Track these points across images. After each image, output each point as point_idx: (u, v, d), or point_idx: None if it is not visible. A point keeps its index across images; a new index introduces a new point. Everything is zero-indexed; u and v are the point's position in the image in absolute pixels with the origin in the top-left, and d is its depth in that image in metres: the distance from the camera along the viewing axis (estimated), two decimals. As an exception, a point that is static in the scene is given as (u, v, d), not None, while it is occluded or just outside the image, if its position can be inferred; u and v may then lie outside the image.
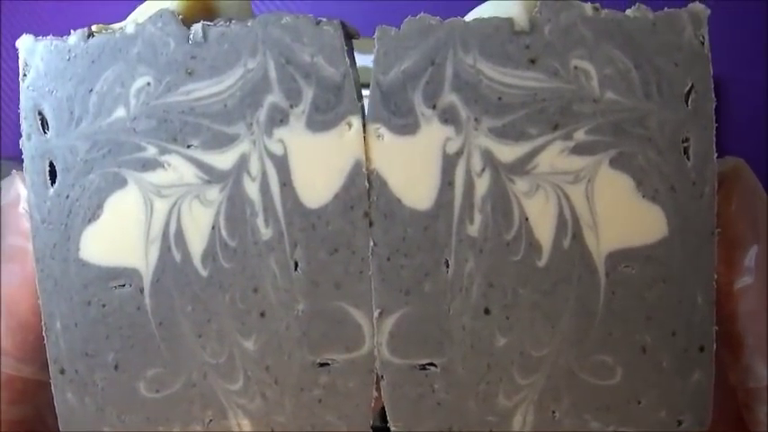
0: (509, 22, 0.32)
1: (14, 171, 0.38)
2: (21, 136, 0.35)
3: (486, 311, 0.33)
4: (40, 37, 0.35)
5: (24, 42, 0.35)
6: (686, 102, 0.32)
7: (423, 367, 0.34)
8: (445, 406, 0.34)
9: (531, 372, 0.33)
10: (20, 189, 0.37)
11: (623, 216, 0.32)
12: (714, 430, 0.34)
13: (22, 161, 0.35)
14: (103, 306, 0.35)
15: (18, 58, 0.35)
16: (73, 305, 0.35)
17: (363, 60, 0.34)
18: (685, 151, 0.32)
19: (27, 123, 0.35)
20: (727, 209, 0.35)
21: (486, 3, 0.36)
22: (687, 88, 0.32)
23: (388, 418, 0.35)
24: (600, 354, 0.33)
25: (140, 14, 0.35)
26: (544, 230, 0.33)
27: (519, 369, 0.33)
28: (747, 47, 0.71)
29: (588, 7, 0.32)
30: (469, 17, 0.34)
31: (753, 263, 0.35)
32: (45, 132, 0.34)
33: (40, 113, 0.34)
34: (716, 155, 0.32)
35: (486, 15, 0.33)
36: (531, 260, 0.33)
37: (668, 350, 0.33)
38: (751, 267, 0.35)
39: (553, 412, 0.34)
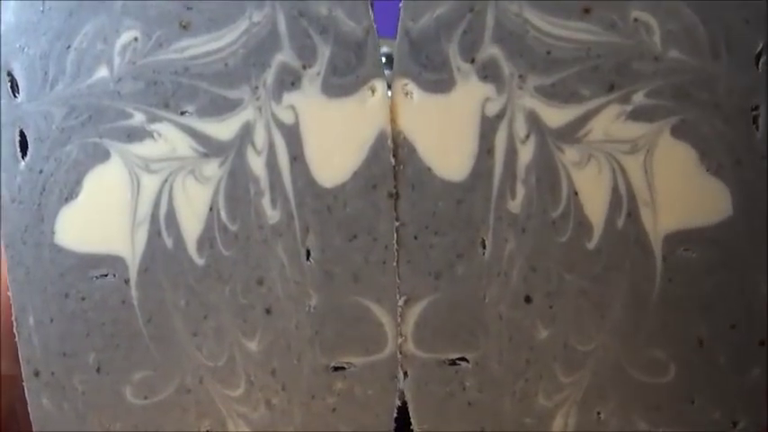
0: (560, -35, 0.26)
1: None
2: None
3: (528, 299, 0.28)
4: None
5: (-12, -9, 0.28)
6: (757, 64, 0.27)
7: (453, 362, 0.28)
8: (477, 406, 0.28)
9: (576, 368, 0.28)
10: None
11: (684, 193, 0.27)
12: None
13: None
14: (83, 299, 0.28)
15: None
16: (48, 297, 0.28)
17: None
18: (754, 121, 0.27)
19: (-7, 86, 0.28)
20: None
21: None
22: (758, 49, 0.27)
23: (411, 419, 0.29)
24: (652, 348, 0.28)
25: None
26: (595, 207, 0.27)
27: (562, 365, 0.28)
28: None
29: None
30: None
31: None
32: (15, 96, 0.28)
33: (9, 74, 0.28)
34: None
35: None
36: (579, 241, 0.27)
37: (726, 344, 0.28)
38: None
39: (598, 413, 0.29)
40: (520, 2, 0.26)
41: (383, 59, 0.27)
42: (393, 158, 0.27)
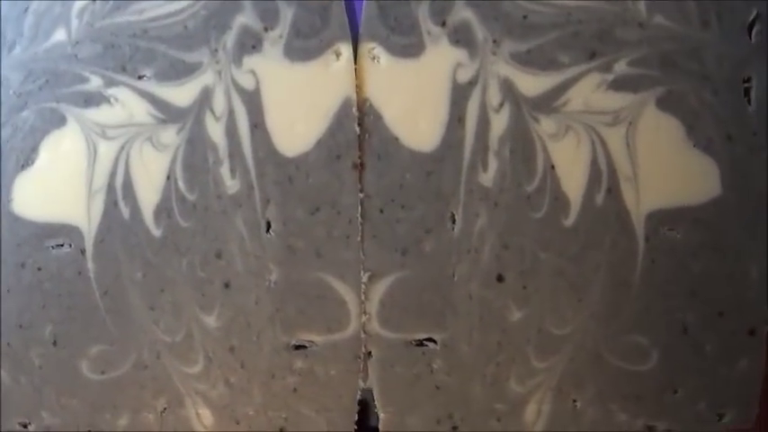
0: None
1: None
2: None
3: (500, 278, 0.26)
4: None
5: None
6: (749, 34, 0.25)
7: (420, 343, 0.27)
8: (445, 390, 0.27)
9: (551, 353, 0.26)
10: None
11: (669, 168, 0.25)
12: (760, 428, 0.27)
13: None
14: (39, 269, 0.27)
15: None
16: (7, 268, 0.27)
17: None
18: (746, 93, 0.25)
19: (-53, 49, 0.27)
20: None
21: None
22: (751, 18, 0.25)
23: (376, 402, 0.27)
24: (633, 334, 0.26)
25: None
26: (573, 182, 0.25)
27: (536, 349, 0.26)
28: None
29: None
30: None
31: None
32: (-30, 60, 0.27)
33: (-36, 37, 0.27)
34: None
35: None
36: (555, 218, 0.25)
37: (713, 332, 0.26)
38: None
39: (574, 401, 0.27)
40: (495, -39, 0.24)
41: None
42: (358, 127, 0.25)
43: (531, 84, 0.25)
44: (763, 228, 0.25)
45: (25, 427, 0.28)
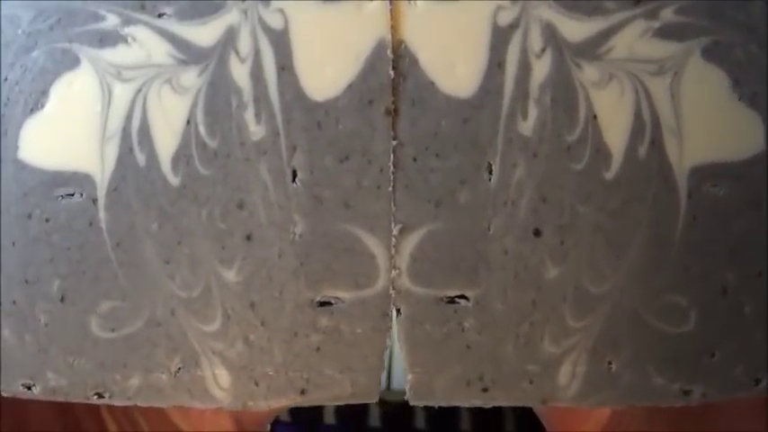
0: None
1: None
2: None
3: (537, 233, 0.24)
4: None
5: None
6: None
7: (451, 300, 0.25)
8: (476, 349, 0.25)
9: (587, 312, 0.25)
10: None
11: (714, 122, 0.24)
12: None
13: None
14: (47, 221, 0.25)
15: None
16: (10, 219, 0.25)
17: None
18: (793, 47, 0.24)
19: (-48, -16, 0.25)
20: None
21: None
22: (801, -30, 0.24)
23: (402, 360, 0.26)
24: (673, 293, 0.25)
25: None
26: (616, 133, 0.24)
27: (572, 308, 0.25)
28: None
29: None
30: None
31: None
32: (-24, -3, 0.25)
33: (-31, -28, 0.25)
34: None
35: None
36: (596, 170, 0.24)
37: (752, 293, 0.25)
38: None
39: (609, 363, 0.25)
40: None
41: None
42: (392, 71, 0.24)
43: (575, 29, 0.23)
44: (806, 186, 0.24)
45: (29, 388, 0.26)
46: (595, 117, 0.24)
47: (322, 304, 0.25)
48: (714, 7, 0.24)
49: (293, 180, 0.24)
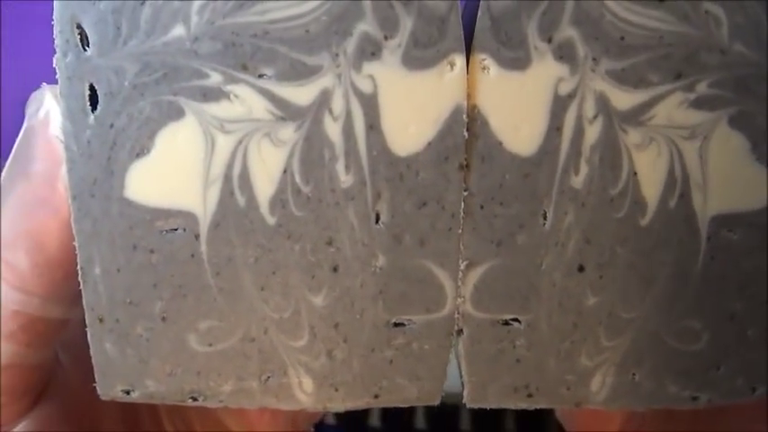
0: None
1: (44, 85, 0.30)
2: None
3: (581, 269, 0.28)
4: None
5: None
6: None
7: (506, 323, 0.29)
8: (524, 363, 0.29)
9: (618, 333, 0.29)
10: (50, 106, 0.29)
11: (734, 178, 0.28)
12: None
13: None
14: (151, 252, 0.28)
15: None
16: (115, 249, 0.28)
17: None
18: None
19: (62, 38, 0.26)
20: None
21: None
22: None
23: (462, 372, 0.30)
24: (689, 319, 0.29)
25: None
26: (651, 187, 0.28)
27: (606, 330, 0.29)
28: None
29: None
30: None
31: None
32: (85, 50, 0.26)
33: (78, 26, 0.26)
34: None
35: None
36: (633, 218, 0.28)
37: (755, 320, 0.29)
38: None
39: (633, 375, 0.30)
40: (600, -14, 0.26)
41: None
42: (466, 132, 0.27)
43: (623, 99, 0.27)
44: (806, 232, 0.29)
45: (128, 393, 0.29)
46: (635, 174, 0.27)
47: (396, 325, 0.29)
48: (740, 81, 0.27)
49: (377, 222, 0.28)
